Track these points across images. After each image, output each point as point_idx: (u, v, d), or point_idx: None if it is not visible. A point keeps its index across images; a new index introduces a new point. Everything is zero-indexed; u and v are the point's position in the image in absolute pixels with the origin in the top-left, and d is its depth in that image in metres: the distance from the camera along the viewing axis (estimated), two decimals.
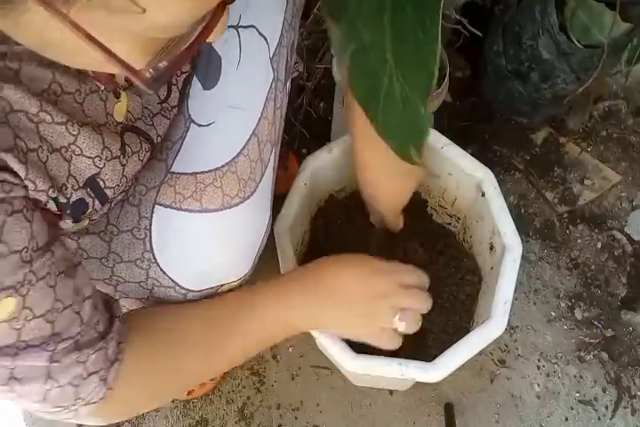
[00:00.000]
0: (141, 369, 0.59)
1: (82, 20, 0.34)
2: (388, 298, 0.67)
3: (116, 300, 0.59)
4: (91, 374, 0.53)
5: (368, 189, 0.77)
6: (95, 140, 0.51)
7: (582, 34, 0.96)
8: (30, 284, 0.46)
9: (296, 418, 1.02)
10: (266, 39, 0.67)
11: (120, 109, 0.56)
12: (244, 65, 0.66)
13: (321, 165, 0.84)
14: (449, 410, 1.00)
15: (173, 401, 1.03)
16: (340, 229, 0.93)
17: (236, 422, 1.02)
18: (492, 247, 0.83)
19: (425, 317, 0.88)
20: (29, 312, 0.47)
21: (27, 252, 0.45)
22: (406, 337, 0.72)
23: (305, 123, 1.13)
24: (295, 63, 0.87)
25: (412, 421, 1.01)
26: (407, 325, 0.68)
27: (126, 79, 0.56)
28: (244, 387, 1.03)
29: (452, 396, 1.02)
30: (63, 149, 0.49)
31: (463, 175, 0.84)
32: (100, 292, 0.57)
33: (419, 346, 0.85)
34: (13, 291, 0.45)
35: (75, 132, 0.50)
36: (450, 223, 0.95)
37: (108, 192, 0.56)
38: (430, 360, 0.71)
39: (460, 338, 0.73)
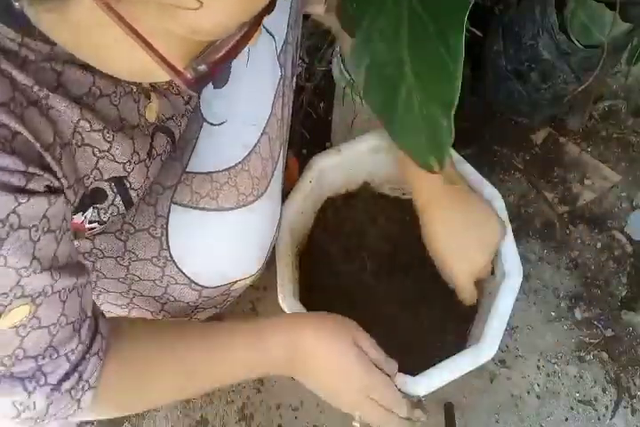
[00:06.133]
0: (123, 372, 0.57)
1: (126, 16, 0.35)
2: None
3: (103, 315, 0.58)
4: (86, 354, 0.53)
5: (438, 261, 0.77)
6: (127, 145, 0.52)
7: (582, 34, 0.96)
8: (46, 296, 0.47)
9: (296, 418, 1.02)
10: (273, 36, 0.67)
11: (151, 110, 0.57)
12: (253, 63, 0.66)
13: (329, 165, 0.84)
14: (449, 410, 1.00)
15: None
16: (342, 230, 0.93)
17: (236, 423, 1.01)
18: (492, 272, 0.82)
19: (420, 333, 0.88)
20: (37, 322, 0.47)
21: (55, 270, 0.47)
22: (399, 350, 0.72)
23: (305, 123, 1.13)
24: (299, 59, 0.88)
25: None
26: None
27: (151, 83, 0.57)
28: (244, 387, 1.03)
29: (452, 396, 1.02)
30: (96, 149, 0.50)
31: None
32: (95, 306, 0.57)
33: (406, 361, 0.84)
34: (30, 300, 0.46)
35: (109, 139, 0.51)
36: None
37: (133, 194, 0.56)
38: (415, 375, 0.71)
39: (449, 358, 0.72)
